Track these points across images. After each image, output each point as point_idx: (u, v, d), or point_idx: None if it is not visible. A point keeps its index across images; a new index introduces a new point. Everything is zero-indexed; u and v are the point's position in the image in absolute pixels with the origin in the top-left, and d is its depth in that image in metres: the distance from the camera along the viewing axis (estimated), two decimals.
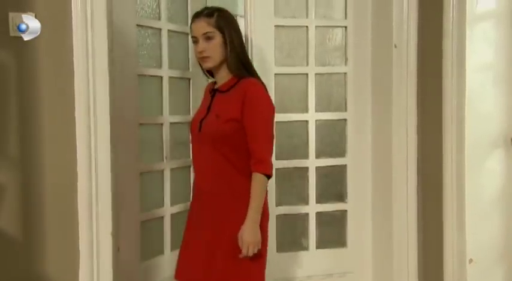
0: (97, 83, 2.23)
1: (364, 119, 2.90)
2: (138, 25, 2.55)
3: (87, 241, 2.22)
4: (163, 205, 2.67)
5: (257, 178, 2.09)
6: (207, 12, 2.19)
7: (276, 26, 2.79)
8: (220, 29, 2.16)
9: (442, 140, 2.45)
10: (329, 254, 2.90)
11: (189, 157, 2.51)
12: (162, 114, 2.63)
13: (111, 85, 2.30)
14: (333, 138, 2.94)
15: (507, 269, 2.36)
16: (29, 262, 2.21)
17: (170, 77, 2.67)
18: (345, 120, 2.90)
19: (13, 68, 2.16)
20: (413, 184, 2.64)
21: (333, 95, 2.93)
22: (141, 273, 2.62)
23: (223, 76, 2.21)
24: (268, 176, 2.12)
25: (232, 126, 2.12)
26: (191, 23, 2.23)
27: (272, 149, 2.19)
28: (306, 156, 2.84)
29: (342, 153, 2.92)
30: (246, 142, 2.14)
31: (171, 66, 2.66)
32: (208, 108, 2.23)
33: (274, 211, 2.67)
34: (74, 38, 2.21)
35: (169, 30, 2.66)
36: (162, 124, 2.63)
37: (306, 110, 2.84)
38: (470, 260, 2.34)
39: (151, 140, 2.68)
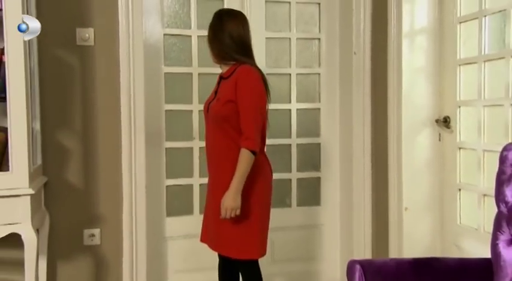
0: (136, 79, 2.62)
1: (333, 108, 3.14)
2: (165, 34, 2.85)
3: (128, 192, 2.62)
4: (192, 176, 2.90)
5: (243, 152, 2.03)
6: None
7: (267, 38, 3.01)
8: (209, 29, 2.22)
9: (388, 122, 2.71)
10: (307, 211, 3.15)
11: None
12: (192, 103, 2.89)
13: (146, 80, 2.66)
14: (310, 123, 3.15)
15: (432, 215, 2.61)
16: (88, 205, 2.60)
17: (200, 74, 2.89)
18: (319, 109, 3.14)
19: (78, 68, 2.57)
20: (368, 157, 2.90)
21: (309, 90, 3.14)
22: (168, 226, 2.89)
23: (223, 66, 2.26)
24: (253, 152, 2.04)
25: (230, 107, 2.09)
26: None
27: (259, 126, 2.10)
28: (289, 136, 3.08)
29: (316, 134, 3.15)
30: None
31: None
32: (215, 93, 2.25)
33: None
34: (120, 46, 2.59)
35: (197, 36, 2.89)
36: (191, 111, 2.89)
37: (289, 101, 3.07)
38: (406, 208, 2.59)
39: (182, 124, 2.90)
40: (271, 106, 2.95)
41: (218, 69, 2.79)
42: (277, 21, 3.09)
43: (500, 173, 1.69)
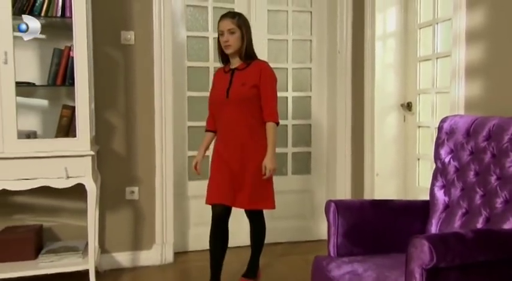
0: (166, 71, 2.90)
1: (322, 97, 3.39)
2: (188, 36, 3.15)
3: (160, 160, 2.93)
4: (209, 148, 2.78)
5: (271, 125, 2.33)
6: (232, 15, 2.40)
7: (268, 39, 3.25)
8: (239, 27, 2.35)
9: (364, 106, 3.01)
10: (299, 178, 3.41)
11: None
12: (208, 91, 2.83)
13: (174, 72, 2.94)
14: (303, 108, 3.38)
15: (397, 179, 2.92)
16: (128, 169, 2.91)
17: (215, 67, 2.92)
18: (310, 96, 3.39)
19: (122, 62, 2.85)
20: (348, 135, 3.21)
21: (303, 81, 3.37)
22: (189, 188, 3.18)
23: (238, 60, 2.42)
24: (277, 124, 2.35)
25: (254, 91, 2.33)
26: (219, 21, 2.38)
27: (277, 106, 2.39)
28: (286, 118, 3.31)
29: (308, 117, 3.40)
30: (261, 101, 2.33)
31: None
32: (230, 82, 2.39)
33: None
34: (154, 45, 2.87)
35: (213, 37, 3.10)
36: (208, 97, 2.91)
37: (286, 90, 3.30)
38: (377, 174, 2.91)
39: (201, 108, 3.00)
40: None
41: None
42: (277, 26, 3.33)
43: (438, 138, 2.10)
